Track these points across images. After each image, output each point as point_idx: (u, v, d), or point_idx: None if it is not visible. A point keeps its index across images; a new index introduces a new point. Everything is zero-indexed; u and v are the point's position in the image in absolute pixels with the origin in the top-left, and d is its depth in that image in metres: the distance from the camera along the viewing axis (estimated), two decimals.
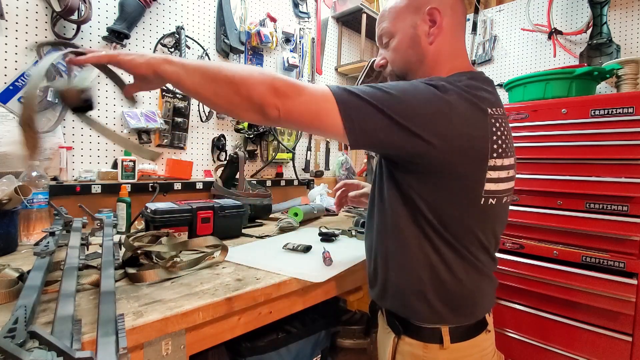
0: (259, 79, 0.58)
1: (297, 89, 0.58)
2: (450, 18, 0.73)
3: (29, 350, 0.39)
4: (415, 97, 0.61)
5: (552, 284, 1.57)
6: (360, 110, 0.58)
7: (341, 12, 2.40)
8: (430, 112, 0.60)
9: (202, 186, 1.67)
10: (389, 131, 0.59)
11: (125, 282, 0.79)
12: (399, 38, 0.76)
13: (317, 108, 0.58)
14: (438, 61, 0.74)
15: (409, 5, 0.74)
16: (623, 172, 1.43)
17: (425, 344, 0.71)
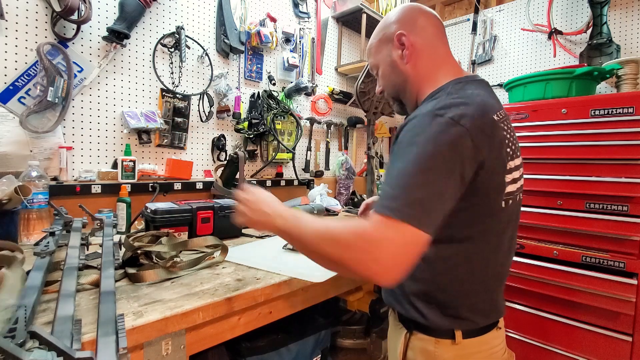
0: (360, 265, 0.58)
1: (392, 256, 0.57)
2: (418, 35, 0.79)
3: (29, 350, 0.39)
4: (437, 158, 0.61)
5: (552, 284, 1.57)
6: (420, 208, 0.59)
7: (341, 12, 2.40)
8: (455, 161, 0.61)
9: (202, 186, 1.67)
10: (445, 199, 0.61)
11: (125, 282, 0.79)
12: (382, 67, 0.86)
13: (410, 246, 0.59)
14: (420, 76, 0.80)
15: (381, 39, 0.84)
16: (623, 172, 1.43)
17: (437, 340, 0.73)
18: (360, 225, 0.60)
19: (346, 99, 2.51)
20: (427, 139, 0.62)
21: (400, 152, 0.64)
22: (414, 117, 0.67)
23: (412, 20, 0.80)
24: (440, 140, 0.61)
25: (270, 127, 1.96)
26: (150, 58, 1.55)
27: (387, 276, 0.57)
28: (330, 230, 0.62)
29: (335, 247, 0.60)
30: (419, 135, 0.63)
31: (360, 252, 0.58)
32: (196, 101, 1.71)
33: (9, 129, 1.17)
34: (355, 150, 2.69)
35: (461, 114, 0.63)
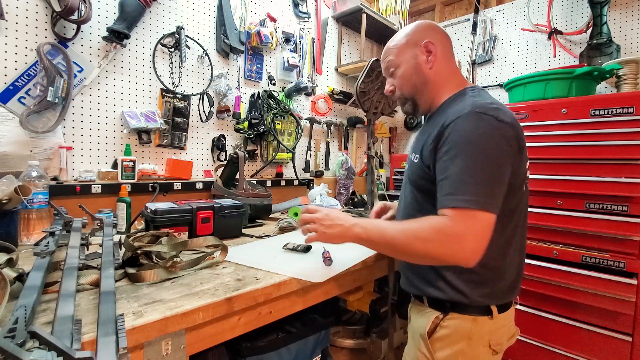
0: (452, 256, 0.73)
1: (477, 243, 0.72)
2: (441, 48, 0.93)
3: (29, 350, 0.39)
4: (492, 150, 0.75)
5: (552, 284, 1.57)
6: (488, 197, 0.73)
7: (341, 12, 2.40)
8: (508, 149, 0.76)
9: (202, 186, 1.67)
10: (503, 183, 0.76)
11: (125, 282, 0.79)
12: (404, 68, 0.94)
13: (488, 229, 0.73)
14: (439, 81, 0.93)
15: (408, 42, 0.94)
16: (623, 172, 1.43)
17: (474, 317, 0.83)
18: (440, 222, 0.73)
19: (346, 99, 2.51)
20: (482, 136, 0.74)
21: (457, 150, 0.75)
22: (456, 118, 0.78)
23: (436, 33, 0.94)
24: (494, 137, 0.74)
25: (270, 127, 1.96)
26: (150, 58, 1.55)
27: (473, 258, 0.72)
28: (415, 232, 0.75)
29: (424, 244, 0.73)
30: (471, 133, 0.75)
31: (447, 245, 0.71)
32: (196, 101, 1.71)
33: (9, 129, 1.17)
34: (355, 150, 2.69)
35: (503, 115, 0.76)
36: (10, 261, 0.72)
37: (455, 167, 0.75)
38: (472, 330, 0.82)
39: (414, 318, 0.96)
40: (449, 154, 0.77)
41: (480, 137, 0.74)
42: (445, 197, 0.75)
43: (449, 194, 0.74)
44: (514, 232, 0.84)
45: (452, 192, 0.74)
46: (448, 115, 0.80)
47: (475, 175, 0.73)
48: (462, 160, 0.74)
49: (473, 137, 0.74)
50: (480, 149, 0.73)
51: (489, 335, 0.83)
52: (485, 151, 0.73)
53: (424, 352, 0.87)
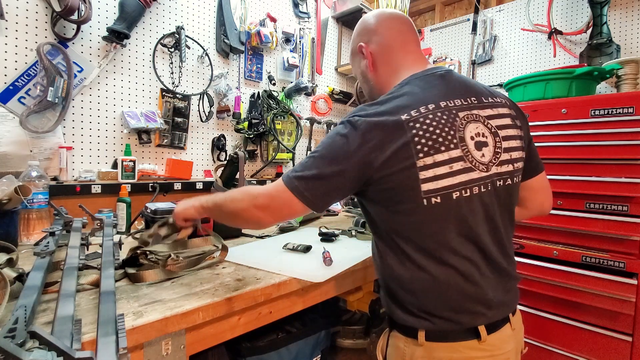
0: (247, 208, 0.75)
1: (267, 198, 0.73)
2: (375, 43, 0.85)
3: (29, 350, 0.39)
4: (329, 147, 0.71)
5: (552, 284, 1.57)
6: (306, 186, 0.70)
7: (341, 12, 2.40)
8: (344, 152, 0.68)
9: (202, 186, 1.67)
10: (331, 187, 0.70)
11: (125, 282, 0.79)
12: (358, 77, 0.95)
13: (283, 202, 0.72)
14: (382, 82, 0.85)
15: (352, 53, 0.94)
16: (623, 172, 1.43)
17: (405, 338, 0.74)
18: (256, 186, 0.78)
19: (346, 99, 2.51)
20: (330, 135, 0.72)
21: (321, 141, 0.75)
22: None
23: (370, 29, 0.86)
24: (337, 136, 0.70)
25: (270, 127, 1.96)
26: (150, 58, 1.55)
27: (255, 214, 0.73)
28: (233, 193, 0.79)
29: (234, 203, 0.77)
30: (332, 131, 0.74)
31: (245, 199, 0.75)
32: (196, 101, 1.71)
33: (9, 129, 1.17)
34: None
35: (360, 121, 0.68)
36: (10, 261, 0.72)
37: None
38: (404, 351, 0.74)
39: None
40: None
41: (328, 137, 0.73)
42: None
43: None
44: (425, 252, 0.69)
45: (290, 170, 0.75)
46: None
47: (307, 163, 0.72)
48: (313, 150, 0.74)
49: (329, 134, 0.74)
50: (321, 145, 0.73)
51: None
52: (322, 146, 0.72)
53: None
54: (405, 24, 0.85)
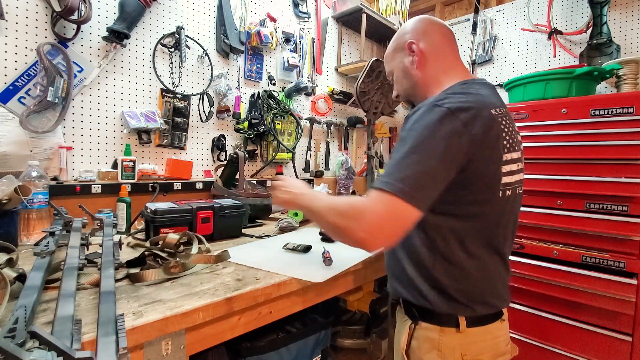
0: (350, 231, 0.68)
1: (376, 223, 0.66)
2: (426, 42, 0.87)
3: (29, 350, 0.39)
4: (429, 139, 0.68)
5: (552, 284, 1.57)
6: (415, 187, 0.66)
7: (341, 12, 2.40)
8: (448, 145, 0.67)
9: (202, 186, 1.67)
10: (436, 180, 0.68)
11: (125, 282, 0.79)
12: (396, 73, 0.94)
13: (395, 216, 0.66)
14: (428, 81, 0.87)
15: (395, 48, 0.94)
16: (623, 172, 1.43)
17: (441, 328, 0.77)
18: (357, 198, 0.71)
19: (346, 99, 2.51)
20: (424, 125, 0.69)
21: (402, 138, 0.72)
22: (418, 109, 0.74)
23: (421, 29, 0.89)
24: (436, 127, 0.68)
25: (270, 127, 1.96)
26: (150, 58, 1.55)
27: (369, 240, 0.66)
28: (333, 204, 0.74)
29: (335, 218, 0.71)
30: (418, 122, 0.70)
31: (348, 219, 0.68)
32: (196, 101, 1.71)
33: (9, 129, 1.17)
34: (355, 150, 2.69)
35: (458, 107, 0.69)
36: (10, 261, 0.72)
37: (394, 154, 0.71)
38: (440, 341, 0.77)
39: (398, 326, 0.93)
40: (397, 143, 0.74)
41: (422, 127, 0.69)
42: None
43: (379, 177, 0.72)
44: (487, 240, 0.76)
45: (380, 176, 0.71)
46: (418, 107, 0.77)
47: (401, 161, 0.68)
48: (398, 146, 0.71)
49: (416, 126, 0.70)
50: (416, 136, 0.68)
51: (460, 348, 0.77)
52: (420, 140, 0.68)
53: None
54: (452, 33, 0.92)
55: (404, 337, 0.82)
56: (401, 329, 0.86)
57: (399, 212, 0.65)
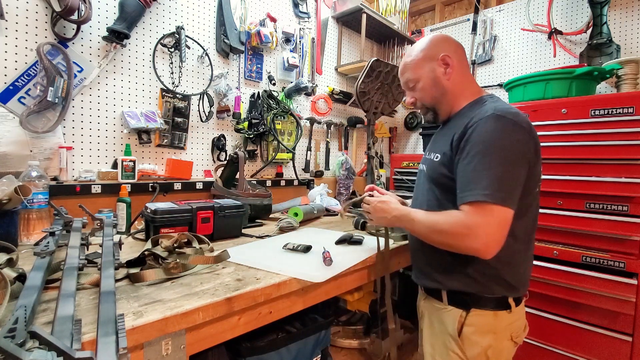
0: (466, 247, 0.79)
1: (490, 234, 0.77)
2: (457, 59, 0.98)
3: (29, 350, 0.39)
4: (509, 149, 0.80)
5: (552, 284, 1.57)
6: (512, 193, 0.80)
7: (341, 12, 2.40)
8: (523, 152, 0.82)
9: (202, 186, 1.67)
10: (520, 182, 0.81)
11: (125, 282, 0.79)
12: (423, 82, 1.00)
13: (503, 222, 0.78)
14: (456, 91, 0.99)
15: (425, 56, 1.00)
16: (623, 172, 1.43)
17: (495, 312, 0.88)
18: (456, 215, 0.81)
19: (346, 99, 2.51)
20: (499, 135, 0.80)
21: (476, 149, 0.81)
22: (478, 120, 0.84)
23: (450, 46, 1.00)
24: (511, 138, 0.80)
25: (270, 127, 1.96)
26: (150, 58, 1.55)
27: (488, 250, 0.77)
28: (434, 225, 0.85)
29: (441, 237, 0.83)
30: (490, 133, 0.81)
31: (461, 238, 0.78)
32: (196, 101, 1.71)
33: (9, 129, 1.17)
34: (355, 150, 2.69)
35: (521, 119, 0.83)
36: (10, 261, 0.72)
37: (473, 165, 0.80)
38: (495, 324, 0.88)
39: (434, 318, 0.99)
40: (469, 153, 0.82)
41: (498, 138, 0.80)
42: (463, 193, 0.81)
43: (466, 190, 0.80)
44: (527, 229, 0.89)
45: (469, 188, 0.79)
46: (470, 118, 0.87)
47: (491, 172, 0.78)
48: (480, 158, 0.80)
49: (491, 137, 0.80)
50: (497, 148, 0.79)
51: (509, 328, 0.89)
52: (502, 150, 0.79)
53: (457, 352, 0.90)
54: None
55: (452, 325, 0.91)
56: (444, 318, 0.94)
57: (504, 218, 0.77)
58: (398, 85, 1.78)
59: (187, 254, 0.91)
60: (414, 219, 0.91)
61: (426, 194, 1.01)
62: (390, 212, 0.98)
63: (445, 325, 0.94)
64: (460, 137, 0.86)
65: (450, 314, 0.92)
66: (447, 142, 0.92)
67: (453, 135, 0.90)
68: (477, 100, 0.97)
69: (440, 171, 0.93)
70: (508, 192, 0.78)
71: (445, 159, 0.92)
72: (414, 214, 0.92)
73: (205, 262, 0.91)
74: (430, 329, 1.00)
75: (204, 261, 0.91)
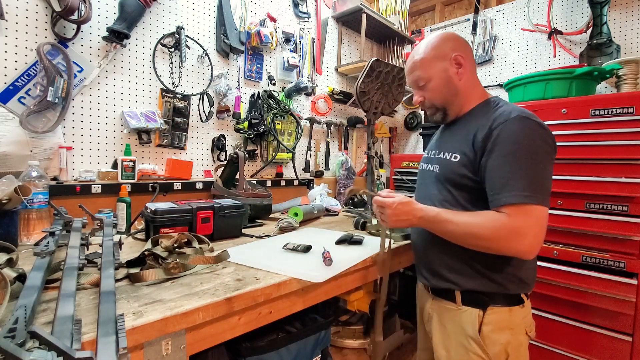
0: (507, 248, 0.80)
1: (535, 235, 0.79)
2: (468, 60, 0.98)
3: (29, 350, 0.39)
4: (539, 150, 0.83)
5: (552, 284, 1.57)
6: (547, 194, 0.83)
7: (341, 12, 2.40)
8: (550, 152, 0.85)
9: (202, 186, 1.67)
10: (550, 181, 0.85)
11: (125, 282, 0.79)
12: (435, 81, 0.98)
13: (544, 223, 0.80)
14: (468, 92, 0.99)
15: (436, 55, 0.98)
16: (623, 172, 1.43)
17: (510, 308, 0.90)
18: (498, 218, 0.81)
19: (346, 99, 2.51)
20: (529, 138, 0.82)
21: (507, 150, 0.82)
22: (504, 121, 0.85)
23: (463, 45, 0.99)
24: (539, 139, 0.82)
25: (270, 127, 1.96)
26: (150, 58, 1.55)
27: (532, 252, 0.79)
28: (472, 229, 0.83)
29: (481, 240, 0.82)
30: (520, 134, 0.83)
31: (506, 241, 0.79)
32: (196, 101, 1.71)
33: (9, 129, 1.17)
34: (355, 150, 2.69)
35: (541, 121, 0.85)
36: (10, 261, 0.72)
37: (507, 166, 0.81)
38: (510, 320, 0.89)
39: (445, 320, 0.97)
40: (499, 154, 0.83)
41: (529, 138, 0.82)
42: (500, 194, 0.81)
43: (504, 191, 0.81)
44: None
45: (507, 189, 0.80)
46: (491, 120, 0.88)
47: (527, 172, 0.80)
48: (513, 159, 0.81)
49: (522, 137, 0.82)
50: (530, 148, 0.81)
51: (524, 322, 0.92)
52: (534, 151, 0.81)
53: (478, 353, 0.90)
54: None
55: (472, 326, 0.90)
56: (460, 319, 0.93)
57: (544, 217, 0.80)
58: (398, 85, 1.78)
59: (187, 254, 0.91)
60: (447, 221, 0.87)
61: (438, 195, 0.98)
62: (415, 214, 0.92)
63: (461, 326, 0.92)
64: (486, 138, 0.86)
65: (466, 315, 0.92)
66: (464, 142, 0.92)
67: (473, 136, 0.90)
68: (487, 102, 0.97)
69: (460, 172, 0.92)
70: (544, 192, 0.80)
71: (466, 160, 0.91)
72: (446, 215, 0.88)
73: (205, 262, 0.91)
74: (442, 332, 0.99)
75: (204, 261, 0.91)
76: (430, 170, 1.04)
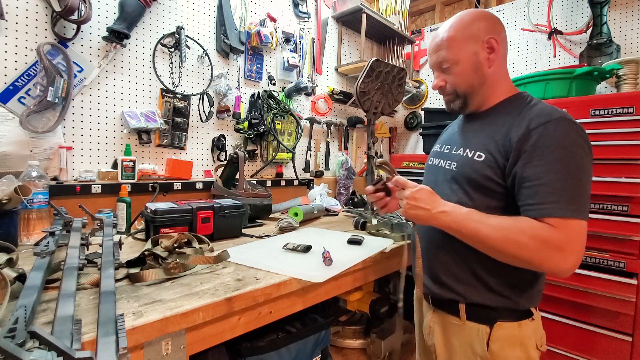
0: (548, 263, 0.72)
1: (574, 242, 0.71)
2: (501, 45, 0.86)
3: (29, 350, 0.39)
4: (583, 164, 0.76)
5: (551, 284, 1.57)
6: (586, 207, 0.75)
7: (341, 12, 2.40)
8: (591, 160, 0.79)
9: (202, 186, 1.67)
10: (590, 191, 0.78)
11: (125, 282, 0.79)
12: (462, 65, 0.86)
13: (585, 238, 0.73)
14: (496, 83, 0.88)
15: (467, 35, 0.85)
16: (623, 172, 1.43)
17: (519, 323, 0.83)
18: (542, 229, 0.71)
19: (346, 99, 2.51)
20: (575, 144, 0.75)
21: (553, 156, 0.74)
22: (546, 122, 0.76)
23: (498, 28, 0.87)
24: (585, 146, 0.76)
25: (270, 127, 1.96)
26: (150, 58, 1.55)
27: (572, 270, 0.71)
28: (513, 235, 0.73)
29: (520, 250, 0.72)
30: (565, 139, 0.75)
31: (547, 255, 0.70)
32: (196, 101, 1.71)
33: (9, 129, 1.17)
34: (355, 150, 2.69)
35: (581, 125, 0.78)
36: (10, 261, 0.72)
37: (552, 174, 0.73)
38: (520, 335, 0.82)
39: (451, 336, 0.90)
40: (544, 160, 0.74)
41: (575, 145, 0.75)
42: (543, 204, 0.72)
43: (549, 202, 0.72)
44: None
45: (553, 200, 0.72)
46: (527, 119, 0.78)
47: (574, 184, 0.73)
48: (560, 167, 0.73)
49: (567, 144, 0.74)
50: (576, 157, 0.74)
51: (534, 336, 0.85)
52: (580, 160, 0.74)
53: None
54: None
55: (480, 345, 0.83)
56: (467, 336, 0.86)
57: (585, 233, 0.72)
58: (398, 85, 1.78)
59: (187, 254, 0.91)
60: (482, 222, 0.76)
61: (452, 195, 0.87)
62: (436, 207, 0.80)
63: (469, 343, 0.85)
64: (523, 139, 0.76)
65: (472, 332, 0.84)
66: (491, 141, 0.82)
67: (504, 134, 0.80)
68: (517, 97, 0.86)
69: (485, 173, 0.81)
70: (588, 206, 0.74)
71: (492, 161, 0.81)
72: (480, 216, 0.77)
73: (205, 262, 0.91)
74: (447, 349, 0.91)
75: (204, 261, 0.91)
76: (444, 167, 0.93)
